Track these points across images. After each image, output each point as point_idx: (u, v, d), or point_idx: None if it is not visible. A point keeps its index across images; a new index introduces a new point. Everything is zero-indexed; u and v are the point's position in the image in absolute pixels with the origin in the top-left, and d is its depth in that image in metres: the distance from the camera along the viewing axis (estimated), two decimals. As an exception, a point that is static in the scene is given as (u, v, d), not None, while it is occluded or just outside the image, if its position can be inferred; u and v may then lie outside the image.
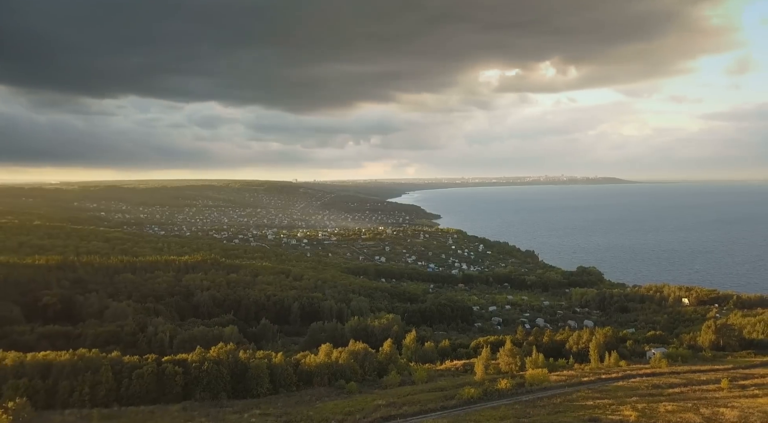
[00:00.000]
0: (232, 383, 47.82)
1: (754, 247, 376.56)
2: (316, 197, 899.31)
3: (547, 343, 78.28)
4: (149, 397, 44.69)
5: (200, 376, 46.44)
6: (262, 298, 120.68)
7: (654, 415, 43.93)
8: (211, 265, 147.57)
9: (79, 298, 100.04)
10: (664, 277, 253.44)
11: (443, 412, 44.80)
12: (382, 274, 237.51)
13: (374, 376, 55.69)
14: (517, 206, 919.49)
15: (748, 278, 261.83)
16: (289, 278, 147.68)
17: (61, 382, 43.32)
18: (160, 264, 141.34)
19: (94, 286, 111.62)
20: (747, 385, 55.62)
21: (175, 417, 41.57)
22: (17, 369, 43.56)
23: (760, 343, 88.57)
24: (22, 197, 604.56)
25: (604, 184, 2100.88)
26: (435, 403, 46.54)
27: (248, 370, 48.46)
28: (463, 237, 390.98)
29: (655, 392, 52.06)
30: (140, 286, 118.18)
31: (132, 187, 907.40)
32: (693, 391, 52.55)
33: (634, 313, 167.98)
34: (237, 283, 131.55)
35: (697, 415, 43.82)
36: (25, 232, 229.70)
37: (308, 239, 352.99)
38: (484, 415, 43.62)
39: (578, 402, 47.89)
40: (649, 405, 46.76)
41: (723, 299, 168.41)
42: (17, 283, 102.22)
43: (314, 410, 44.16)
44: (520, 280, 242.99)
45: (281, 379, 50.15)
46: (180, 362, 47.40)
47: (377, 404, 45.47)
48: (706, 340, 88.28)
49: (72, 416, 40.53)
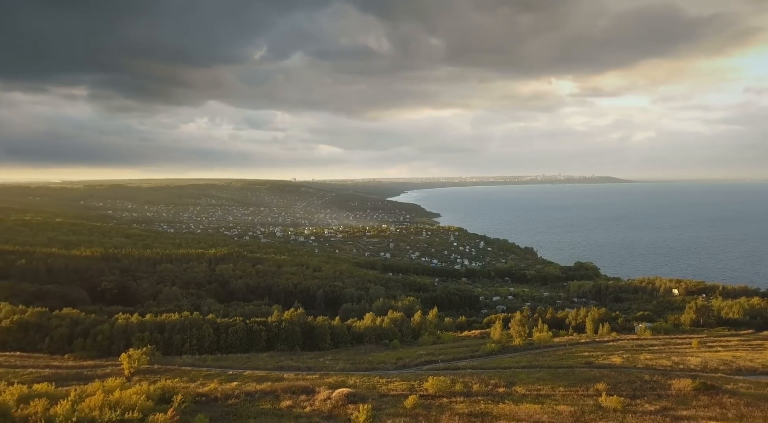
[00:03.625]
0: (302, 339, 60.13)
1: (745, 244, 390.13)
2: (317, 196, 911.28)
3: (549, 319, 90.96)
4: (241, 347, 56.96)
5: (279, 333, 58.69)
6: (290, 286, 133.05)
7: (635, 361, 56.67)
8: (237, 257, 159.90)
9: (132, 284, 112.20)
10: (659, 271, 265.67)
11: (471, 360, 57.40)
12: (389, 269, 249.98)
13: (410, 338, 68.09)
14: (516, 205, 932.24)
15: (739, 272, 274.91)
16: (309, 269, 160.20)
17: (174, 335, 55.45)
18: (193, 256, 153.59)
19: (141, 274, 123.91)
20: (713, 345, 68.45)
21: (266, 359, 53.90)
22: (140, 326, 55.70)
23: (735, 322, 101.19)
24: (29, 196, 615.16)
25: (601, 183, 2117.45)
26: (464, 353, 59.14)
27: (314, 329, 60.72)
28: (464, 234, 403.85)
29: (637, 349, 64.83)
30: (181, 274, 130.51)
31: (135, 185, 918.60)
32: (668, 348, 65.34)
33: (627, 303, 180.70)
34: (264, 273, 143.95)
35: (668, 361, 56.56)
36: (50, 228, 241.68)
37: (315, 236, 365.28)
38: (504, 360, 56.27)
39: (577, 353, 60.56)
40: (632, 355, 59.53)
41: (710, 289, 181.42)
42: (77, 270, 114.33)
43: (371, 357, 56.64)
44: (520, 275, 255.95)
45: (339, 337, 62.41)
46: (262, 322, 59.66)
47: (419, 354, 57.98)
48: (688, 319, 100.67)
49: (189, 359, 52.79)
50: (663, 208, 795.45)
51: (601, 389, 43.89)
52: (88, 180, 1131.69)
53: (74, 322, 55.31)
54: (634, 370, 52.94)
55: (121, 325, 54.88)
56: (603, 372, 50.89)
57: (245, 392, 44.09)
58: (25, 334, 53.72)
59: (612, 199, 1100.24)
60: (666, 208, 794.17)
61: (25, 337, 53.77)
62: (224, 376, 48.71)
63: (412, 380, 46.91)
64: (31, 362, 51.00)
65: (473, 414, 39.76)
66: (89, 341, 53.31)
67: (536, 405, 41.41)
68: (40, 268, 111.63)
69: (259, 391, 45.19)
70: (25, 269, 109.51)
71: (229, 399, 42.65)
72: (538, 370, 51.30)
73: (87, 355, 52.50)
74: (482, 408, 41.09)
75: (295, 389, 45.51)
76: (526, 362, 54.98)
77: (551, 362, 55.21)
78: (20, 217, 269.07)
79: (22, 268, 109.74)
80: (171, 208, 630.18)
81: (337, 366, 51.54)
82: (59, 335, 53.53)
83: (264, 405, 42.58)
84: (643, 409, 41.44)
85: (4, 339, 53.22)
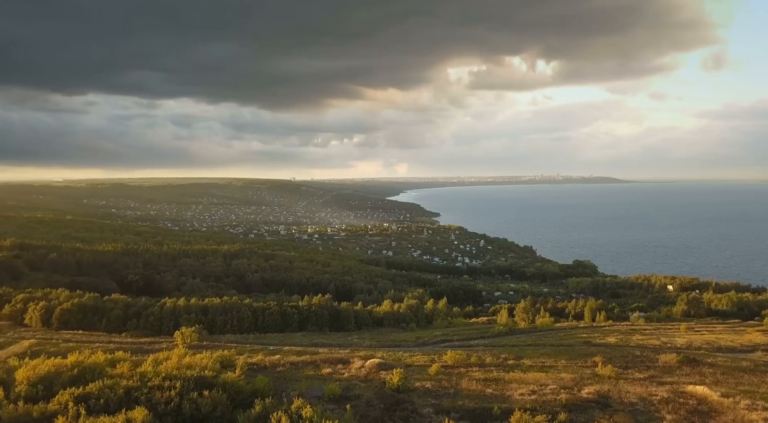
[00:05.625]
0: (330, 321, 66.96)
1: (741, 243, 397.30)
2: (318, 195, 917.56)
3: (550, 308, 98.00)
4: (277, 328, 63.67)
5: (309, 316, 65.49)
6: (303, 280, 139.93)
7: (628, 341, 63.52)
8: (250, 253, 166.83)
9: (156, 276, 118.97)
10: (656, 269, 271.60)
11: (482, 339, 64.20)
12: (392, 266, 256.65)
13: (424, 322, 74.99)
14: (514, 205, 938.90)
15: (734, 269, 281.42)
16: (319, 265, 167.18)
17: (217, 317, 62.19)
18: (209, 252, 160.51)
19: (162, 268, 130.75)
20: (699, 330, 75.44)
21: (300, 338, 60.62)
22: (187, 309, 62.46)
23: (723, 313, 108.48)
24: (32, 194, 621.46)
25: (599, 184, 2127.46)
26: (475, 334, 65.98)
27: (340, 313, 67.57)
28: (464, 233, 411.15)
29: (631, 332, 71.74)
30: (200, 268, 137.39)
31: (137, 184, 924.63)
32: (658, 331, 72.30)
33: (623, 298, 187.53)
34: (278, 268, 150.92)
35: (657, 341, 63.44)
36: (62, 226, 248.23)
37: (318, 234, 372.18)
38: (512, 340, 63.09)
39: (576, 335, 67.43)
40: (625, 336, 66.41)
41: (703, 285, 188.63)
42: (103, 264, 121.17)
43: (392, 337, 63.46)
44: (520, 272, 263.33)
45: (362, 320, 69.24)
46: (294, 306, 66.54)
47: (435, 334, 64.75)
48: (679, 310, 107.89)
49: (232, 337, 59.48)
50: (662, 208, 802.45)
51: (597, 361, 50.67)
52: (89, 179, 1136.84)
53: (127, 306, 62.02)
54: (626, 348, 59.76)
55: (170, 308, 61.62)
56: (599, 349, 57.69)
57: (289, 362, 50.81)
58: (84, 315, 60.38)
59: (611, 199, 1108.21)
60: (664, 208, 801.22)
61: (84, 318, 60.44)
62: (266, 350, 55.55)
63: (432, 354, 53.73)
64: (94, 338, 57.67)
65: (488, 379, 46.51)
66: (141, 322, 59.98)
67: (542, 373, 48.24)
68: (70, 262, 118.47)
69: (301, 362, 51.93)
70: (57, 262, 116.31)
71: (276, 367, 49.37)
72: (543, 347, 58.11)
73: (141, 334, 59.14)
74: (495, 375, 47.91)
75: (332, 360, 52.29)
76: (532, 341, 61.82)
77: (554, 341, 62.05)
78: (33, 215, 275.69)
79: (54, 261, 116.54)
80: (173, 206, 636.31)
81: (363, 343, 58.25)
82: (115, 316, 60.18)
83: (307, 372, 49.31)
84: (633, 377, 48.28)
85: (67, 319, 59.92)
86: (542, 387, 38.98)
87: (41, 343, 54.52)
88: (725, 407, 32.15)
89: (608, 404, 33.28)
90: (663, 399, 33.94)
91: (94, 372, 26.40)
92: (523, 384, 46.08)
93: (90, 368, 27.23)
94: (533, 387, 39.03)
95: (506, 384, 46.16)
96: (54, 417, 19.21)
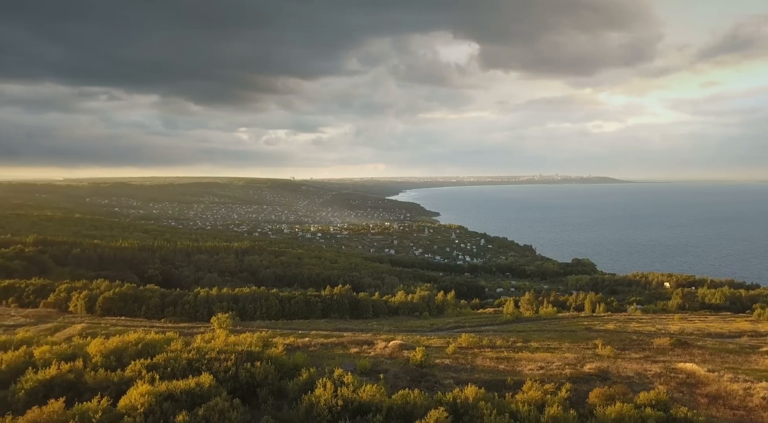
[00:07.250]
0: (350, 310, 72.30)
1: (738, 242, 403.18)
2: (318, 195, 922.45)
3: (553, 301, 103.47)
4: (302, 315, 68.96)
5: (332, 304, 70.81)
6: (313, 275, 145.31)
7: (625, 327, 69.00)
8: (260, 250, 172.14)
9: (174, 271, 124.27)
10: (654, 268, 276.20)
11: (491, 326, 69.67)
12: (395, 264, 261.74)
13: (436, 312, 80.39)
14: (514, 204, 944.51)
15: (730, 268, 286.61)
16: (327, 261, 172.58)
17: (247, 305, 67.46)
18: (220, 249, 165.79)
19: (179, 263, 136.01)
20: (692, 320, 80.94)
21: (324, 323, 65.97)
22: (219, 297, 67.75)
23: (716, 306, 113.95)
24: (35, 193, 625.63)
25: (598, 184, 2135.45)
26: (484, 322, 71.41)
27: (359, 302, 72.90)
28: (464, 232, 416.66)
29: (628, 320, 77.24)
30: (214, 264, 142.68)
31: (138, 184, 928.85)
32: (654, 320, 77.81)
33: (622, 294, 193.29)
34: (288, 264, 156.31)
35: (652, 327, 68.92)
36: (72, 223, 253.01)
37: (321, 233, 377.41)
38: (519, 326, 68.54)
39: (578, 322, 72.91)
40: (623, 324, 71.90)
41: (699, 282, 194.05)
42: (124, 259, 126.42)
43: (408, 323, 68.88)
44: (520, 270, 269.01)
45: (378, 309, 74.59)
46: (317, 295, 71.93)
47: (447, 322, 70.18)
48: (674, 303, 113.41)
49: (262, 323, 64.82)
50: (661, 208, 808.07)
51: (598, 343, 56.07)
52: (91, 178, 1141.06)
53: (163, 295, 67.27)
54: (624, 333, 65.25)
55: (203, 297, 66.88)
56: (599, 334, 63.15)
57: (319, 343, 56.18)
58: (124, 303, 65.58)
59: (609, 199, 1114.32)
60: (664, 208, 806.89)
61: (124, 305, 65.64)
62: (296, 334, 60.91)
63: (447, 338, 59.10)
64: (137, 323, 62.94)
65: (500, 358, 52.00)
66: (178, 309, 65.19)
67: (548, 353, 53.71)
68: (93, 257, 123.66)
69: (329, 343, 57.40)
70: (80, 258, 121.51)
71: (308, 347, 54.72)
72: (548, 332, 63.56)
73: (179, 320, 64.41)
74: (506, 355, 53.42)
75: (357, 341, 57.75)
76: (537, 328, 67.30)
77: (557, 328, 67.53)
78: (43, 213, 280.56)
79: (77, 256, 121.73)
80: (175, 205, 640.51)
81: (383, 328, 63.65)
82: (153, 304, 65.41)
83: (337, 351, 54.79)
84: (630, 356, 53.75)
85: (109, 307, 65.16)
86: (549, 364, 44.59)
87: (92, 327, 59.94)
88: (711, 380, 37.77)
89: (607, 377, 39.06)
90: (656, 373, 39.62)
91: (155, 347, 29.47)
92: (531, 361, 52.00)
93: (151, 344, 31.48)
94: (541, 364, 44.64)
95: (516, 361, 52.08)
96: (132, 382, 21.17)
